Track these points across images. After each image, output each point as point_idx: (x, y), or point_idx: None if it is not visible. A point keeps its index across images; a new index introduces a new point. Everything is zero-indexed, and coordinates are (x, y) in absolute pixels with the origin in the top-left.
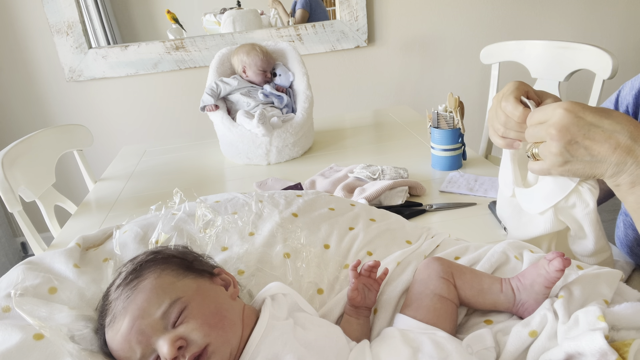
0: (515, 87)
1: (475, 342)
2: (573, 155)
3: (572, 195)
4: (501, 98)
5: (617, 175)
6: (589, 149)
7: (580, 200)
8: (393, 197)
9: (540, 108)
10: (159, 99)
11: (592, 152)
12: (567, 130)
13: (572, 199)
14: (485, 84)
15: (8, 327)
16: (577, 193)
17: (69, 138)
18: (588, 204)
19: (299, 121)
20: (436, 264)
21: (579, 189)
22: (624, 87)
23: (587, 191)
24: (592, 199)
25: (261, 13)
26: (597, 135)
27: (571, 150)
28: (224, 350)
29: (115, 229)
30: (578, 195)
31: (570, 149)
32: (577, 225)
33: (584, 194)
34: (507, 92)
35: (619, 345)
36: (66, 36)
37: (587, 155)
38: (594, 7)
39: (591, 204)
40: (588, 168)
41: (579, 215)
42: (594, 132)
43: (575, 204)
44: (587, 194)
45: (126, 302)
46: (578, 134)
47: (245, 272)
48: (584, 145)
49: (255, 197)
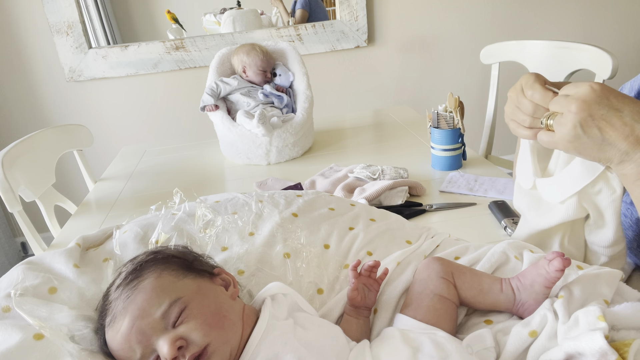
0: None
1: (475, 342)
2: (585, 132)
3: (599, 181)
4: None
5: (624, 163)
6: (602, 130)
7: (607, 186)
8: (393, 197)
9: (572, 84)
10: (159, 99)
11: (604, 134)
12: (588, 106)
13: (599, 185)
14: (485, 84)
15: (8, 327)
16: (605, 179)
17: (69, 138)
18: (615, 190)
19: (299, 121)
20: (436, 264)
21: (607, 175)
22: (623, 88)
23: (615, 177)
24: (620, 185)
25: (261, 13)
26: (614, 119)
27: (585, 127)
28: (224, 350)
29: (115, 229)
30: (606, 181)
31: (585, 125)
32: (598, 213)
33: (612, 180)
34: (531, 82)
35: (619, 345)
36: (66, 36)
37: (598, 136)
38: (594, 7)
39: (618, 191)
40: (596, 149)
41: (604, 202)
42: (612, 115)
43: (601, 190)
44: (615, 180)
45: (126, 302)
46: (596, 113)
47: (245, 272)
48: (599, 126)
49: (255, 197)
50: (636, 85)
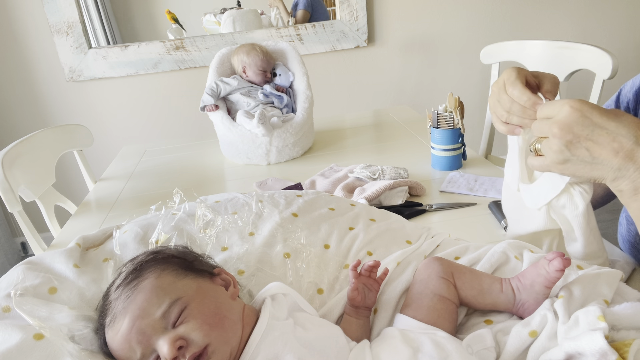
0: (517, 72)
1: (475, 342)
2: (574, 154)
3: (563, 195)
4: (503, 84)
5: (619, 180)
6: (590, 149)
7: (570, 202)
8: (393, 197)
9: (549, 103)
10: (159, 99)
11: (593, 153)
12: (570, 128)
13: (563, 200)
14: (485, 84)
15: (8, 327)
16: (569, 194)
17: (69, 138)
18: (577, 207)
19: (299, 121)
20: (436, 264)
21: (570, 191)
22: (624, 86)
23: (578, 194)
24: (582, 202)
25: (261, 13)
26: (601, 137)
27: (572, 149)
28: (224, 350)
29: (115, 229)
30: (569, 196)
31: (572, 148)
32: (568, 226)
33: (575, 197)
34: (512, 78)
35: (619, 345)
36: (66, 36)
37: (587, 156)
38: (595, 7)
39: (580, 207)
40: (588, 169)
41: (569, 216)
42: (597, 133)
43: (565, 205)
44: (578, 196)
45: (126, 302)
46: (581, 134)
47: (245, 272)
48: (586, 146)
49: (255, 197)
50: (637, 82)
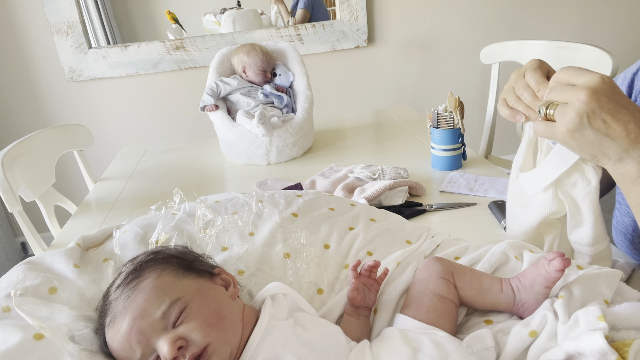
0: (540, 62)
1: (475, 342)
2: (590, 123)
3: (574, 172)
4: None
5: (623, 161)
6: (607, 123)
7: (582, 177)
8: (393, 197)
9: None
10: (159, 99)
11: (608, 127)
12: (598, 97)
13: (574, 176)
14: (485, 84)
15: (8, 327)
16: (580, 170)
17: (69, 138)
18: (590, 182)
19: (299, 121)
20: (436, 264)
21: (583, 166)
22: (616, 79)
23: (590, 169)
24: (595, 177)
25: (261, 13)
26: (620, 114)
27: (591, 118)
28: (224, 350)
29: (115, 229)
30: (581, 172)
31: (591, 117)
32: (575, 207)
33: (587, 172)
34: (535, 66)
35: (619, 345)
36: (66, 36)
37: (602, 129)
38: (594, 7)
39: (593, 182)
40: (596, 144)
41: (580, 194)
42: (619, 109)
43: (576, 182)
44: (591, 171)
45: (126, 302)
46: (605, 106)
47: (245, 272)
48: (604, 118)
49: (255, 197)
50: (629, 74)
